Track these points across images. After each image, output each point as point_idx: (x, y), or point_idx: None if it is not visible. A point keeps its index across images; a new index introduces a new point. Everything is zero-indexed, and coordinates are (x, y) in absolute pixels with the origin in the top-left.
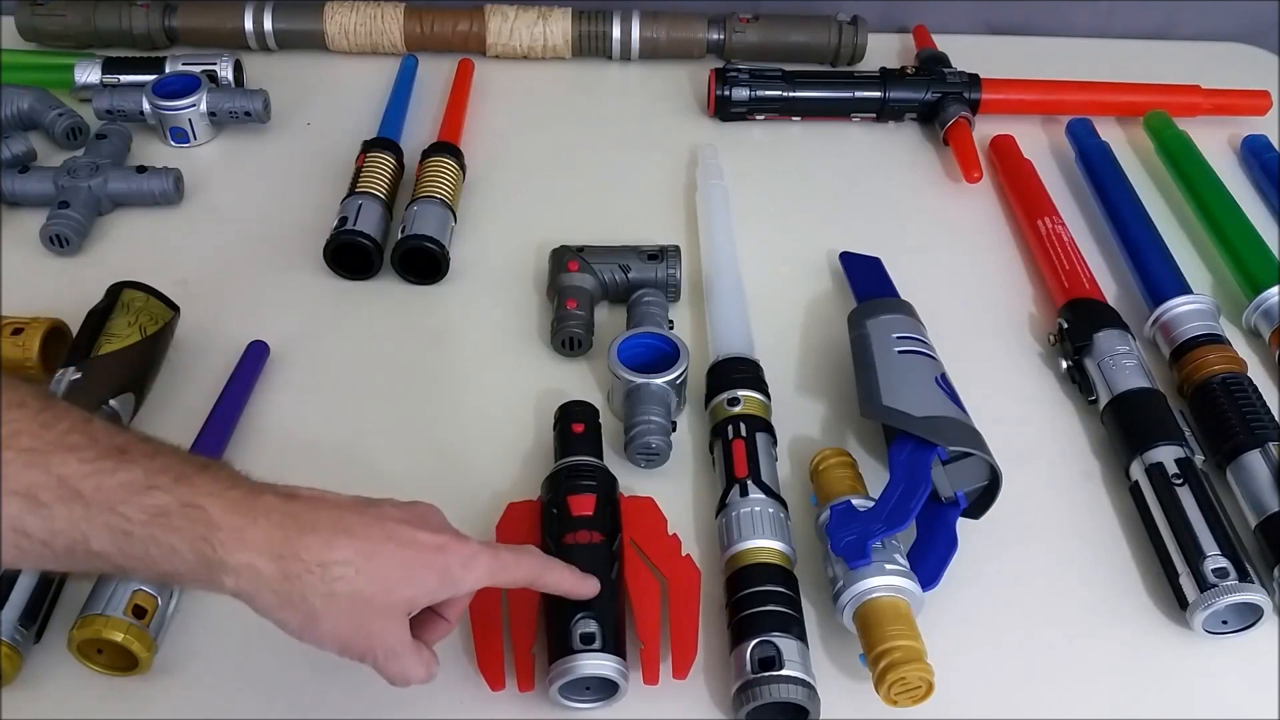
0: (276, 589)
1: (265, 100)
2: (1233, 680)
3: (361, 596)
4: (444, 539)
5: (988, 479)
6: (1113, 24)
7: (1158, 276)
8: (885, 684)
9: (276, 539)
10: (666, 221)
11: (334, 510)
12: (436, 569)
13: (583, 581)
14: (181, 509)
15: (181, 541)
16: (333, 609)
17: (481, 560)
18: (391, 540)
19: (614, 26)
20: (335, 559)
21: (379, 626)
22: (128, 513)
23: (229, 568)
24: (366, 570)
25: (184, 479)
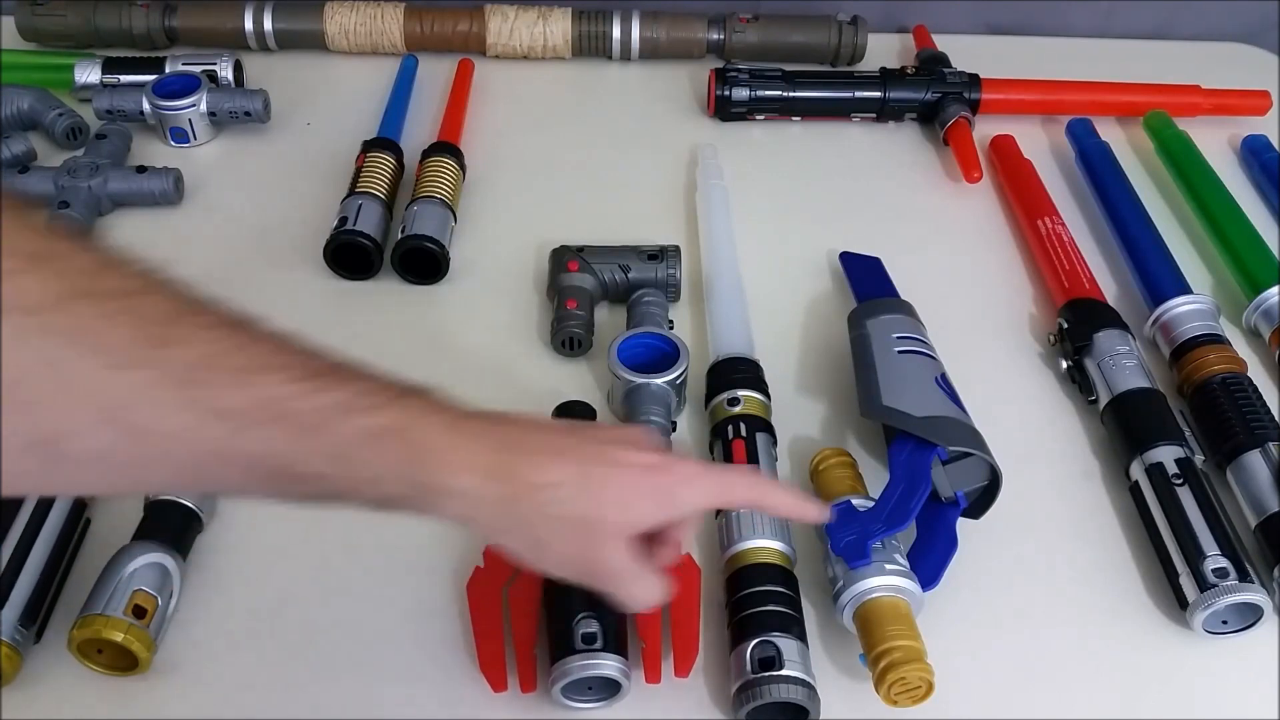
0: (499, 512)
1: (265, 100)
2: (1233, 680)
3: (585, 519)
4: (660, 459)
5: (988, 479)
6: (1113, 24)
7: (1158, 276)
8: (885, 684)
9: (490, 461)
10: (666, 221)
11: (546, 433)
12: (656, 489)
13: (808, 506)
14: (393, 430)
15: (396, 463)
16: (557, 532)
17: (704, 480)
18: (605, 461)
19: (614, 26)
20: (551, 480)
21: (607, 549)
22: (339, 433)
23: (448, 490)
24: (584, 492)
25: (394, 400)
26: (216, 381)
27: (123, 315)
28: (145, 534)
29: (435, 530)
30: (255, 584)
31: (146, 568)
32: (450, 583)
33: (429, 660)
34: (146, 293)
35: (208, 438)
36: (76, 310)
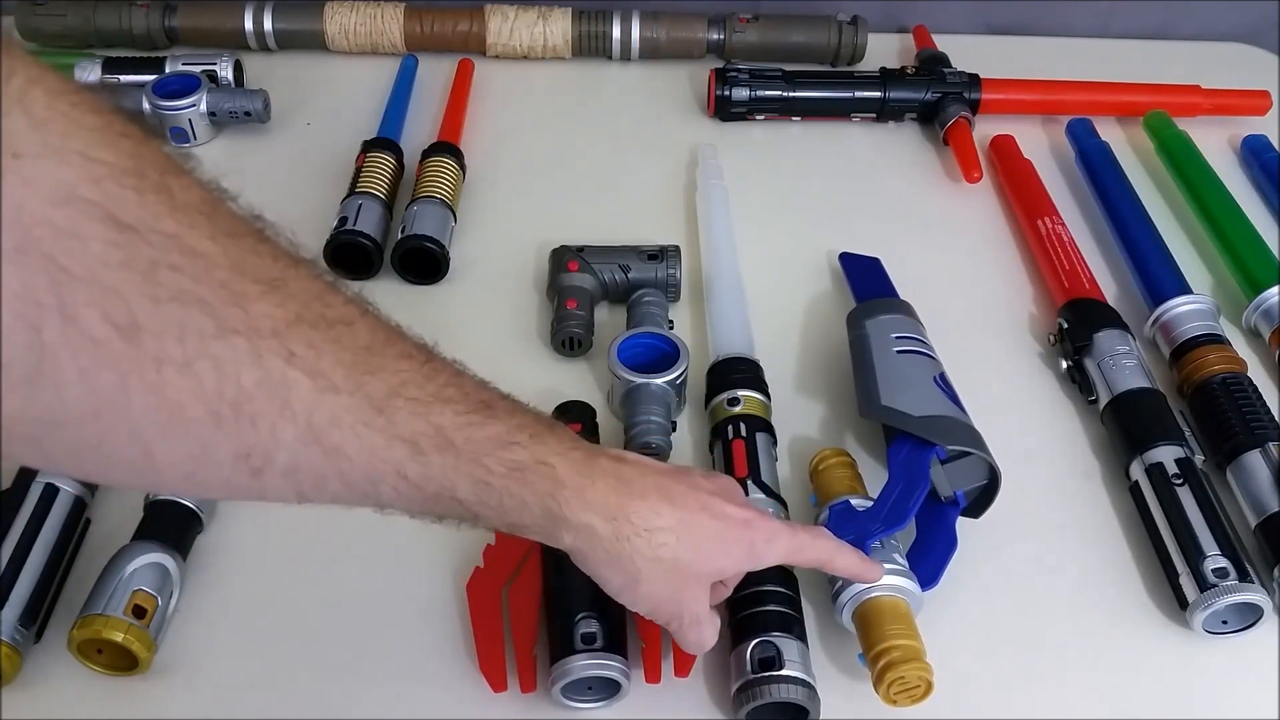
0: (608, 548)
1: (265, 100)
2: (1233, 680)
3: (680, 563)
4: (750, 514)
5: (987, 478)
6: (1113, 24)
7: (1158, 276)
8: (884, 683)
9: (611, 501)
10: (666, 221)
11: (658, 477)
12: (744, 543)
13: (870, 567)
14: (535, 465)
15: (532, 496)
16: (653, 572)
17: (783, 539)
18: (706, 511)
19: (614, 26)
20: (660, 525)
21: (689, 593)
22: (490, 465)
23: (570, 525)
24: (685, 539)
25: (538, 437)
26: (402, 410)
27: (336, 342)
28: (145, 534)
29: (435, 531)
30: (255, 584)
31: (146, 568)
32: (450, 583)
33: (429, 660)
34: (356, 320)
35: (387, 459)
36: (302, 335)
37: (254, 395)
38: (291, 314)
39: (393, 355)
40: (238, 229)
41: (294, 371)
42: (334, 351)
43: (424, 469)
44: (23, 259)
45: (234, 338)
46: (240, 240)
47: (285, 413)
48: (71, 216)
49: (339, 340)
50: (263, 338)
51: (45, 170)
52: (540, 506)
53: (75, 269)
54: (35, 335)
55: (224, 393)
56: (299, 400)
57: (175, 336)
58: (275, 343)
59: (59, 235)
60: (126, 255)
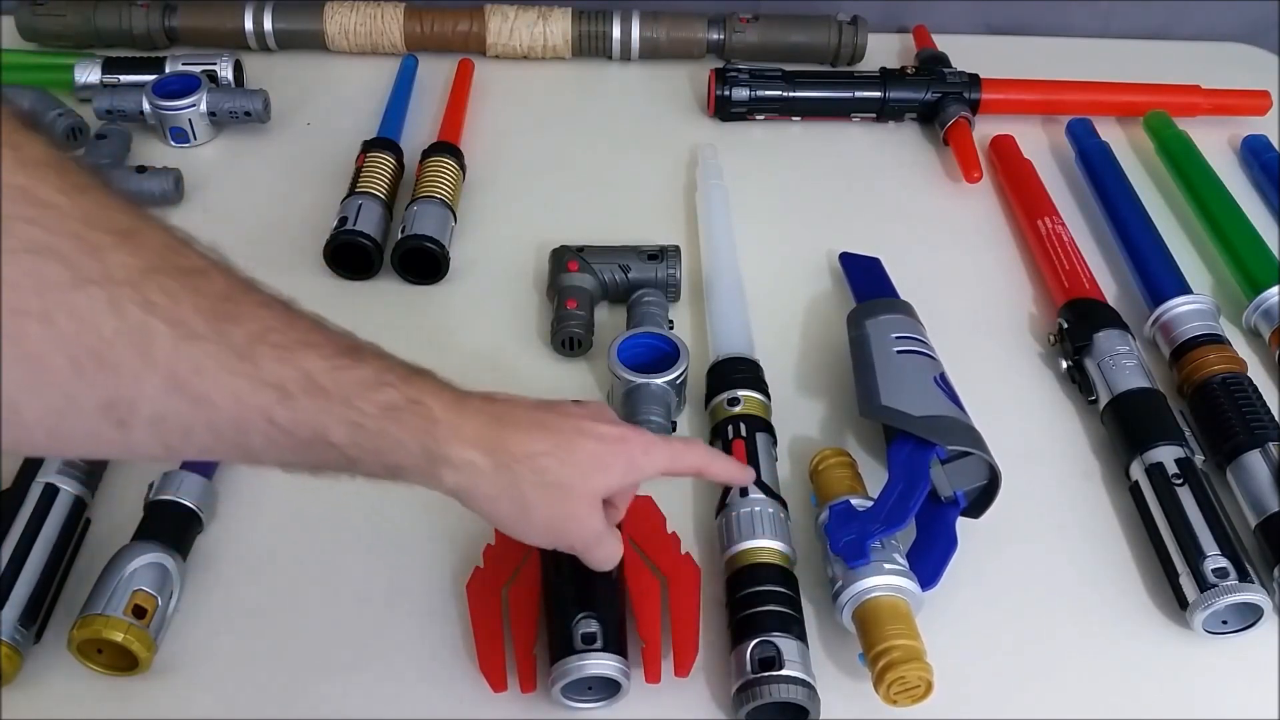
0: (492, 480)
1: (265, 100)
2: (1233, 680)
3: (564, 485)
4: (625, 430)
5: (987, 478)
6: (1113, 24)
7: (1158, 276)
8: (884, 683)
9: (488, 434)
10: (666, 221)
11: (529, 409)
12: (623, 457)
13: (743, 470)
14: (408, 404)
15: (408, 435)
16: (541, 499)
17: (659, 448)
18: (581, 433)
19: (614, 26)
20: (539, 450)
21: (582, 512)
22: (362, 406)
23: (451, 461)
24: (566, 460)
25: (407, 379)
26: (267, 355)
27: (194, 290)
28: (145, 534)
29: (435, 531)
30: (255, 584)
31: (146, 568)
32: (450, 583)
33: (429, 660)
34: (211, 271)
35: (254, 405)
36: (158, 284)
37: (114, 344)
38: (146, 263)
39: (252, 303)
40: (85, 183)
41: (153, 320)
42: (192, 299)
43: (293, 413)
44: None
45: (91, 287)
46: (89, 193)
47: (147, 361)
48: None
49: (197, 289)
50: (119, 286)
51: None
52: (418, 445)
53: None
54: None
55: (84, 342)
56: (160, 349)
57: (32, 288)
58: (132, 291)
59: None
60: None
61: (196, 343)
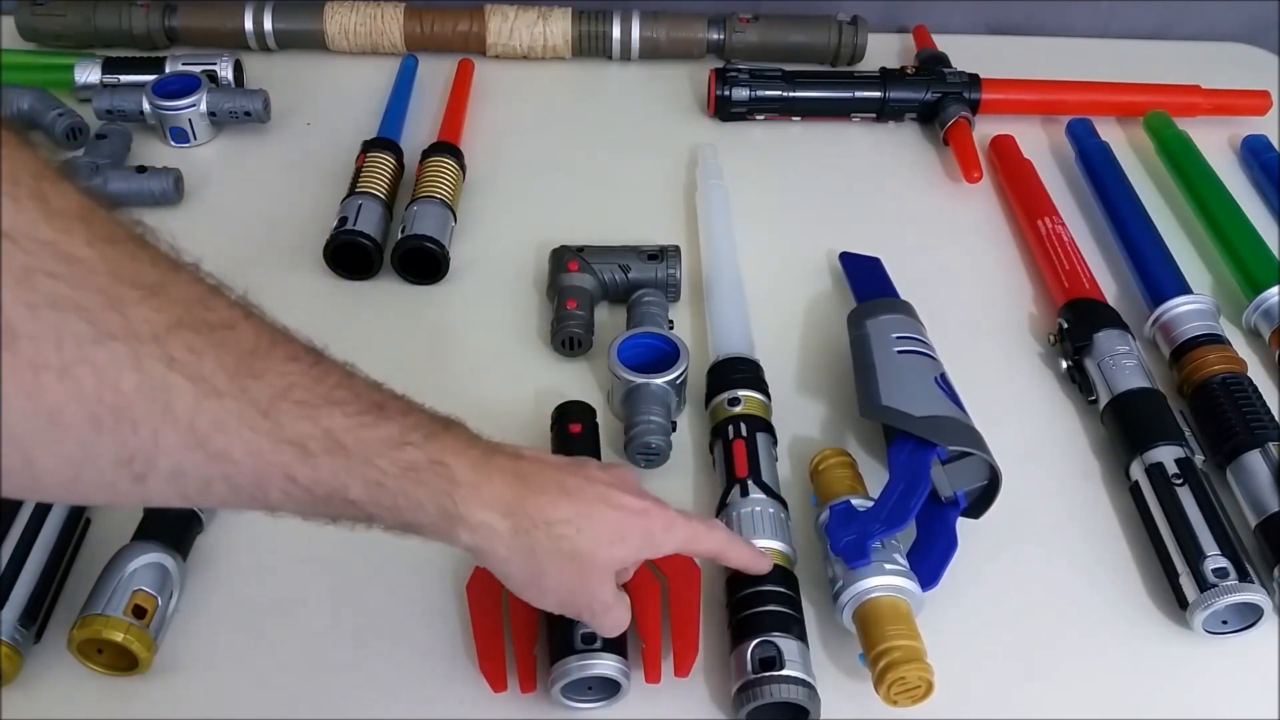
0: (509, 544)
1: (265, 100)
2: (1233, 680)
3: (580, 554)
4: (647, 504)
5: (987, 479)
6: (1113, 24)
7: (1158, 276)
8: (885, 684)
9: (508, 497)
10: (666, 221)
11: (555, 472)
12: (641, 532)
13: (760, 559)
14: (429, 465)
15: (427, 495)
16: (557, 566)
17: (679, 527)
18: (604, 502)
19: (614, 26)
20: (559, 518)
21: (594, 582)
22: (383, 465)
23: (468, 523)
24: (585, 530)
25: (432, 436)
26: (290, 412)
27: (218, 345)
28: (145, 534)
29: None
30: (255, 584)
31: (146, 568)
32: (450, 583)
33: (429, 660)
34: (241, 324)
35: (274, 463)
36: (182, 339)
37: (134, 400)
38: (172, 318)
39: (279, 358)
40: (115, 234)
41: (175, 376)
42: (217, 355)
43: (313, 471)
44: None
45: (112, 343)
46: (118, 245)
47: (167, 417)
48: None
49: (222, 344)
50: (142, 343)
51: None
52: (436, 506)
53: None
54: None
55: (103, 398)
56: (181, 405)
57: (52, 342)
58: (155, 347)
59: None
60: None
61: (218, 399)
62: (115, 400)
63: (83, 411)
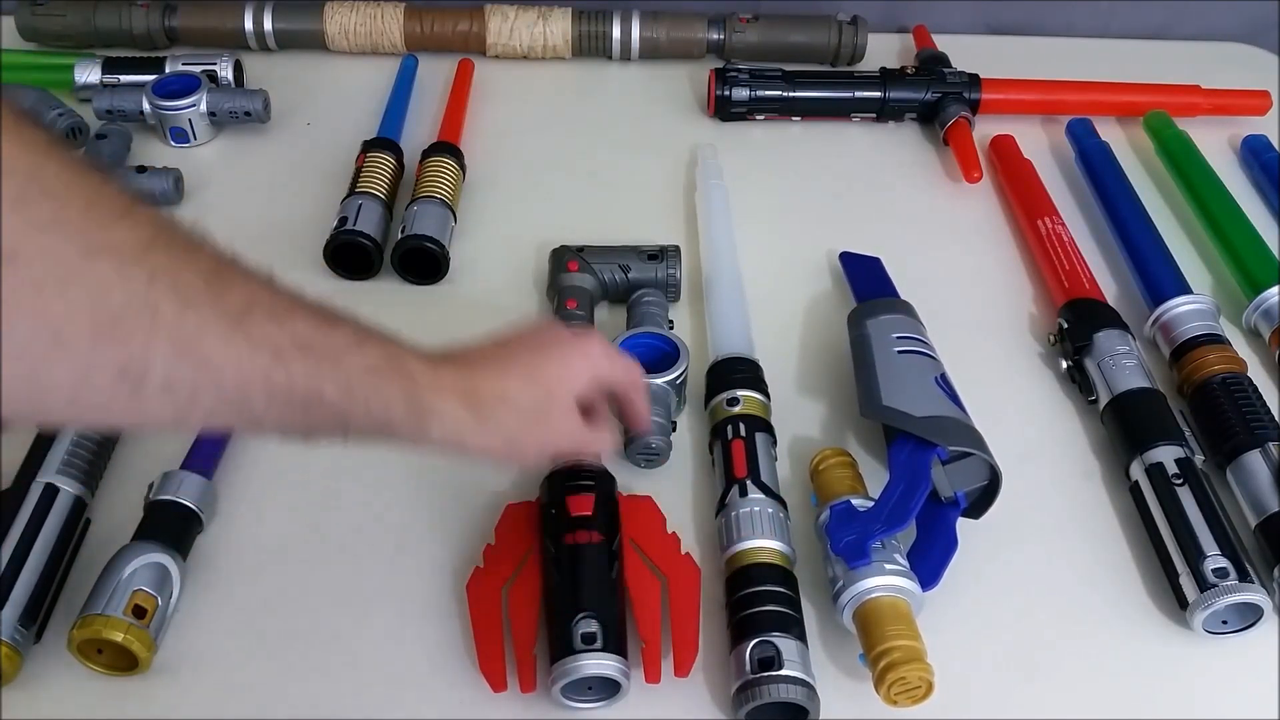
0: (475, 429)
1: (265, 100)
2: (1233, 680)
3: (539, 408)
4: (572, 335)
5: (988, 479)
6: (1113, 24)
7: (1158, 276)
8: (885, 684)
9: (462, 384)
10: (666, 221)
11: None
12: (581, 357)
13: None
14: (389, 362)
15: (395, 392)
16: (524, 428)
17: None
18: (538, 352)
19: (614, 26)
20: (510, 387)
21: (562, 425)
22: (349, 365)
23: (435, 412)
24: (533, 382)
25: (383, 339)
26: (259, 320)
27: (187, 263)
28: (145, 534)
29: (434, 531)
30: (255, 584)
31: (146, 568)
32: (450, 583)
33: (429, 661)
34: (200, 247)
35: (254, 367)
36: (159, 257)
37: (124, 312)
38: (146, 237)
39: (240, 274)
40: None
41: (157, 289)
42: (189, 270)
43: (288, 375)
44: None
45: (101, 259)
46: (88, 175)
47: (155, 328)
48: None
49: (191, 261)
50: (125, 258)
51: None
52: (404, 400)
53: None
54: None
55: (98, 312)
56: (165, 315)
57: (50, 260)
58: (135, 263)
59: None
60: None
61: (196, 310)
62: (108, 313)
63: (82, 325)
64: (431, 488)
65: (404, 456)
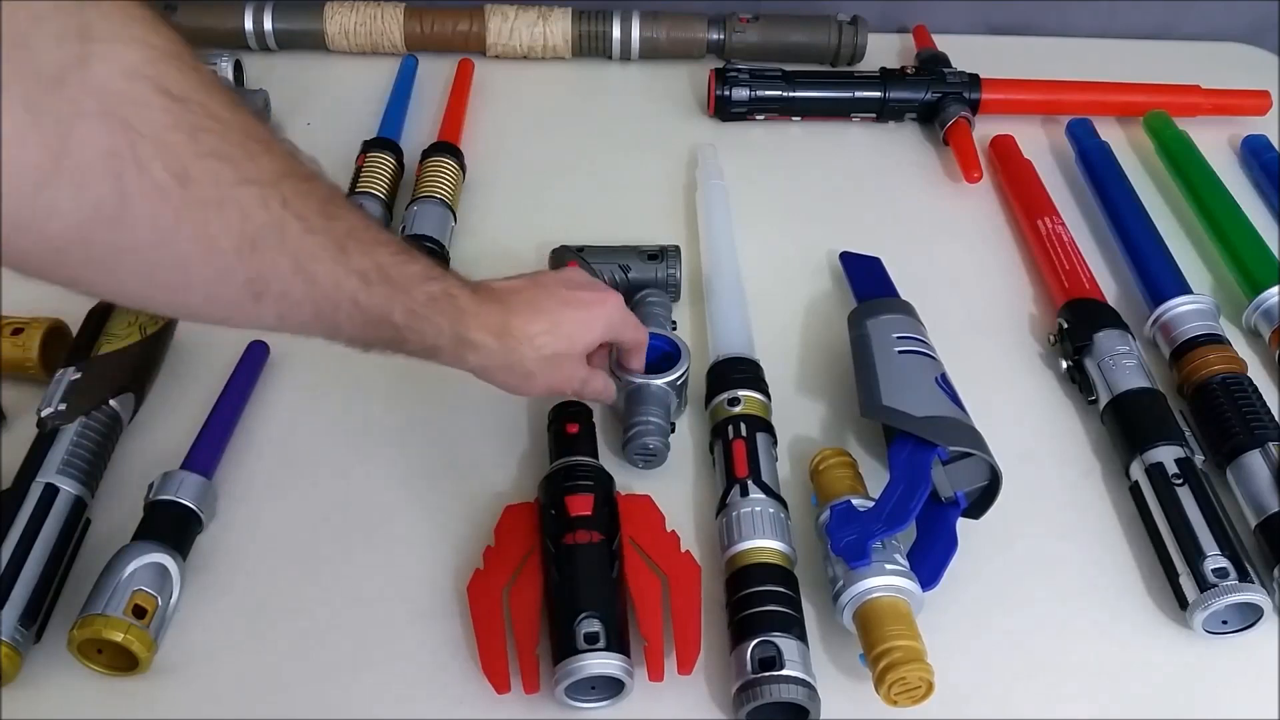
0: (502, 361)
1: (265, 100)
2: (1233, 680)
3: (558, 353)
4: (598, 294)
5: (988, 479)
6: (1113, 24)
7: (1158, 276)
8: (885, 684)
9: (497, 321)
10: (666, 221)
11: (525, 293)
12: (602, 319)
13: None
14: (445, 296)
15: (446, 322)
16: (541, 368)
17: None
18: (568, 306)
19: (614, 26)
20: (536, 331)
21: (570, 370)
22: (416, 295)
23: (473, 344)
24: (557, 333)
25: (443, 275)
26: (355, 249)
27: (309, 193)
28: (145, 534)
29: (434, 533)
30: (255, 584)
31: (146, 568)
32: (450, 585)
33: (430, 662)
34: (316, 177)
35: (346, 289)
36: (290, 185)
37: (263, 232)
38: (282, 168)
39: (343, 204)
40: (238, 102)
41: (288, 214)
42: (310, 200)
43: (371, 297)
44: (107, 122)
45: (249, 186)
46: (240, 110)
47: (282, 247)
48: (138, 89)
49: (311, 192)
50: (267, 186)
51: (116, 52)
52: (451, 330)
53: (143, 130)
54: (118, 182)
55: (245, 229)
56: (291, 237)
57: (212, 183)
58: (273, 191)
59: (130, 103)
60: (177, 119)
61: (313, 235)
62: (252, 231)
63: (230, 240)
64: (431, 490)
65: (402, 457)
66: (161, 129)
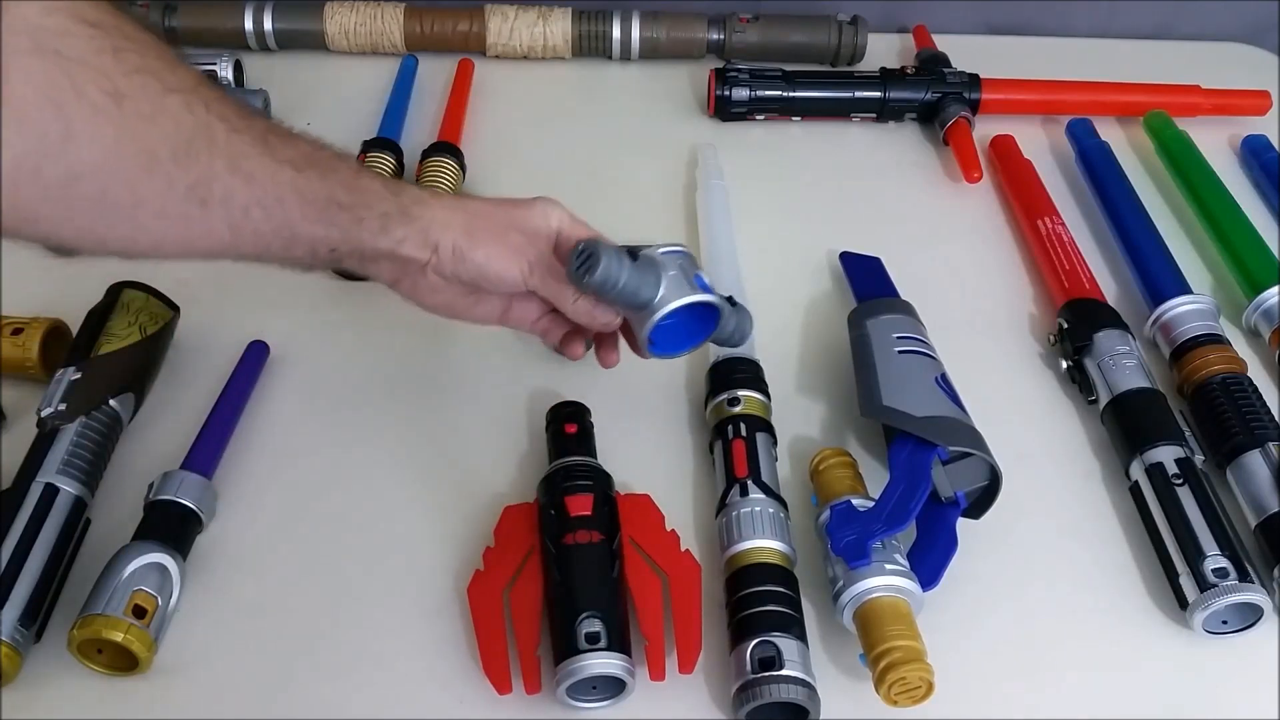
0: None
1: (265, 100)
2: (1233, 680)
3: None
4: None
5: (988, 479)
6: (1113, 24)
7: (1158, 276)
8: (885, 684)
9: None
10: (666, 221)
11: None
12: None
13: None
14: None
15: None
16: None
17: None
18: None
19: (614, 26)
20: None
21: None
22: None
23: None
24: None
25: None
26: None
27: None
28: (145, 534)
29: (434, 534)
30: (255, 584)
31: (146, 568)
32: (451, 585)
33: (431, 663)
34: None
35: (282, 178)
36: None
37: (194, 136)
38: (196, 78)
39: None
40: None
41: (212, 117)
42: (226, 104)
43: (308, 181)
44: (40, 56)
45: (173, 95)
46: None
47: (214, 148)
48: (60, 20)
49: (225, 98)
50: (189, 93)
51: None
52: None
53: (73, 56)
54: (59, 109)
55: (178, 136)
56: (219, 137)
57: (142, 96)
58: (196, 96)
59: (57, 35)
60: (100, 43)
61: (238, 134)
62: (185, 137)
63: (167, 148)
64: (431, 490)
65: (402, 458)
66: (89, 53)
